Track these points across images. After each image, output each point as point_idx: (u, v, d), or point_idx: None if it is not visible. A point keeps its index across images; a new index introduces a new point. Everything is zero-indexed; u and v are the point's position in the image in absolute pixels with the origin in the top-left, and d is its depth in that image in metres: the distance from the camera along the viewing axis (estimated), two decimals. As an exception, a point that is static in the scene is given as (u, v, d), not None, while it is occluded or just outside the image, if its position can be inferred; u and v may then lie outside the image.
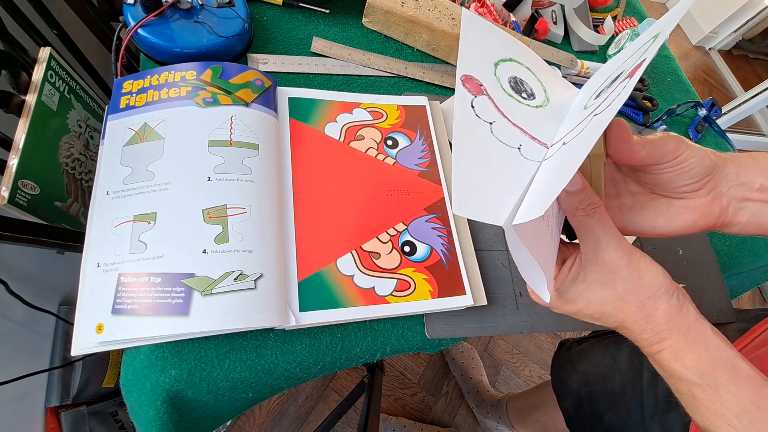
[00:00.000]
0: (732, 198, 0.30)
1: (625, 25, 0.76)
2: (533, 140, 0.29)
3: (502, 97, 0.31)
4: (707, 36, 2.46)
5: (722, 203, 0.30)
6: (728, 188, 0.30)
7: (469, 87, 0.31)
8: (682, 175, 0.29)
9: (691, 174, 0.29)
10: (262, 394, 0.38)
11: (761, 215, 0.30)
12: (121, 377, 0.35)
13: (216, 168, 0.36)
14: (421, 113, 0.49)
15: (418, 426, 1.03)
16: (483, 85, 0.31)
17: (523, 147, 0.29)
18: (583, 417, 0.58)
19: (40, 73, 0.42)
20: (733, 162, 0.30)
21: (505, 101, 0.31)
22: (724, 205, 0.30)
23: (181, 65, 0.40)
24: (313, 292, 0.37)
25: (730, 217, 0.30)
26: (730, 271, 0.58)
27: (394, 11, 0.53)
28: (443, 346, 0.43)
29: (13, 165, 0.39)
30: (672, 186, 0.30)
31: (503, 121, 0.30)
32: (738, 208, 0.30)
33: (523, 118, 0.30)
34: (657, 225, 0.31)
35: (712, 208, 0.30)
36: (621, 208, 0.32)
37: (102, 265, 0.33)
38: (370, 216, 0.42)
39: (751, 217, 0.30)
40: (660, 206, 0.31)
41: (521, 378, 1.23)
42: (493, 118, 0.30)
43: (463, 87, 0.31)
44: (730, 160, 0.30)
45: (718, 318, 0.51)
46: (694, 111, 0.72)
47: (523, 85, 0.32)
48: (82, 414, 0.74)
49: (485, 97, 0.31)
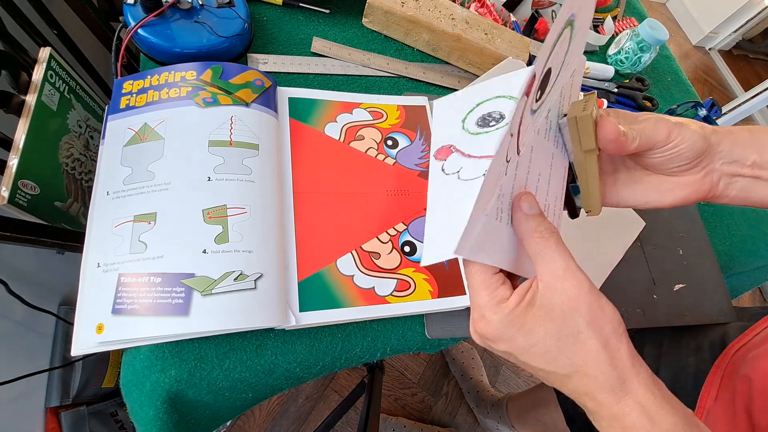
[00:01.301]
0: (723, 173, 0.31)
1: (625, 25, 0.76)
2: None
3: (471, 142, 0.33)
4: (707, 36, 2.46)
5: (713, 179, 0.31)
6: (720, 164, 0.31)
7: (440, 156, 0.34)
8: (673, 159, 0.30)
9: (682, 157, 0.30)
10: (262, 394, 0.38)
11: (750, 190, 0.31)
12: (121, 377, 0.35)
13: (216, 168, 0.36)
14: (421, 113, 0.49)
15: (418, 426, 1.03)
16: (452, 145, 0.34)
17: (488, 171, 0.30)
18: (583, 416, 0.58)
19: (40, 73, 0.42)
20: (728, 138, 0.30)
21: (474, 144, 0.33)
22: (715, 180, 0.31)
23: (181, 65, 0.40)
24: (313, 292, 0.37)
25: (720, 190, 0.31)
26: (730, 271, 0.58)
27: (394, 11, 0.53)
28: (443, 346, 0.43)
29: (13, 165, 0.39)
30: (664, 167, 0.31)
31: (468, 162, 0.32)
32: (728, 182, 0.31)
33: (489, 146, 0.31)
34: (650, 199, 0.32)
35: (703, 183, 0.31)
36: (616, 183, 0.33)
37: (102, 265, 0.33)
38: (370, 216, 0.42)
39: (740, 192, 0.31)
40: (653, 182, 0.32)
41: (521, 378, 1.23)
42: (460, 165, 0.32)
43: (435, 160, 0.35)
44: (726, 136, 0.30)
45: (718, 318, 0.51)
46: (694, 111, 0.72)
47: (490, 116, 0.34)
48: (82, 414, 0.74)
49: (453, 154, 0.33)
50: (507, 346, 0.26)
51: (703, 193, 0.31)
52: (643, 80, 0.69)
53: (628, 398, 0.23)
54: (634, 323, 0.47)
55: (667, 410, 0.23)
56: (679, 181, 0.31)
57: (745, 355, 0.43)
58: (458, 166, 0.32)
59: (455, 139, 0.35)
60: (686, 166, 0.30)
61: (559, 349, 0.24)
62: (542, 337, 0.24)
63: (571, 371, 0.24)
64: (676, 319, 0.50)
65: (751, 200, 0.31)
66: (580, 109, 0.29)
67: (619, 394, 0.23)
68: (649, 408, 0.23)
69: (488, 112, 0.35)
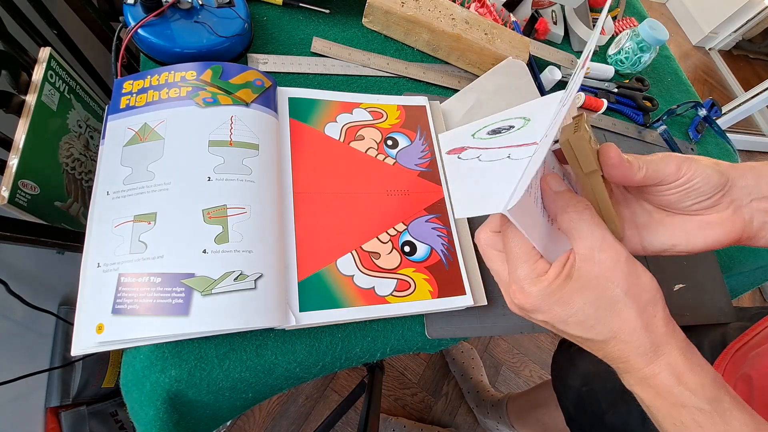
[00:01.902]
0: (755, 211, 0.28)
1: (625, 25, 0.76)
2: (521, 146, 0.30)
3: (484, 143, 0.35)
4: (707, 36, 2.46)
5: (744, 217, 0.29)
6: (749, 201, 0.28)
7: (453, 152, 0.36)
8: (688, 194, 0.28)
9: (698, 193, 0.28)
10: (262, 394, 0.38)
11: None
12: (121, 377, 0.35)
13: (216, 168, 0.36)
14: (421, 113, 0.49)
15: (418, 426, 1.03)
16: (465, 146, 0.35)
17: (512, 154, 0.30)
18: (583, 416, 0.58)
19: (40, 73, 0.42)
20: (752, 173, 0.28)
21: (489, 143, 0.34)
22: (747, 219, 0.29)
23: (181, 65, 0.40)
24: (313, 292, 0.37)
25: (755, 230, 0.29)
26: (730, 271, 0.58)
27: (394, 11, 0.53)
28: (443, 346, 0.43)
29: (13, 165, 0.39)
30: (680, 206, 0.29)
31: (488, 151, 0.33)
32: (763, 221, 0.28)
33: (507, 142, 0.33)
34: (677, 242, 0.30)
35: (734, 222, 0.28)
36: (637, 227, 0.31)
37: (102, 265, 0.33)
38: (370, 216, 0.42)
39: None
40: (676, 223, 0.30)
41: (521, 378, 1.23)
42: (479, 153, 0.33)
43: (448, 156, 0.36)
44: (749, 170, 0.29)
45: (718, 318, 0.51)
46: (694, 111, 0.72)
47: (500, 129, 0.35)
48: (82, 414, 0.74)
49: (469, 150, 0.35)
50: (546, 317, 0.27)
51: (736, 233, 0.28)
52: (643, 80, 0.69)
53: (661, 360, 0.24)
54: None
55: (696, 371, 0.24)
56: (705, 220, 0.29)
57: (745, 354, 0.43)
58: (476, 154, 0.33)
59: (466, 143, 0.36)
60: (707, 202, 0.28)
61: (597, 318, 0.25)
62: (581, 307, 0.25)
63: (609, 337, 0.25)
64: (676, 319, 0.49)
65: None
66: (571, 132, 0.28)
67: (651, 357, 0.24)
68: (679, 369, 0.24)
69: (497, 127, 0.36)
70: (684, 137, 0.70)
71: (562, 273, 0.26)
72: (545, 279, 0.26)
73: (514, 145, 0.31)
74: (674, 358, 0.24)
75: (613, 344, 0.25)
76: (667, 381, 0.24)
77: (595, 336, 0.26)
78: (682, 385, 0.24)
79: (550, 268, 0.27)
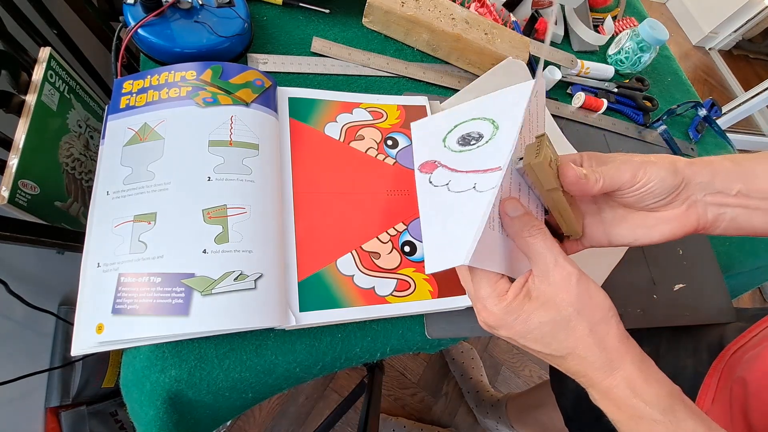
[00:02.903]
0: (709, 204, 0.31)
1: (625, 25, 0.76)
2: (486, 172, 0.34)
3: (454, 159, 0.37)
4: (707, 36, 2.46)
5: (698, 210, 0.31)
6: (703, 195, 0.31)
7: (425, 170, 0.39)
8: (645, 197, 0.31)
9: (654, 195, 0.31)
10: (262, 394, 0.38)
11: (740, 220, 0.31)
12: (121, 377, 0.35)
13: (216, 168, 0.36)
14: (421, 113, 0.49)
15: (418, 426, 1.04)
16: (436, 161, 0.39)
17: (477, 184, 0.34)
18: (581, 416, 0.58)
19: (40, 73, 0.42)
20: (708, 170, 0.31)
21: (456, 160, 0.37)
22: (701, 212, 0.31)
23: (181, 65, 0.40)
24: (313, 292, 0.37)
25: (710, 221, 0.31)
26: (730, 271, 0.58)
27: (394, 11, 0.53)
28: (443, 346, 0.43)
29: (13, 165, 0.39)
30: (642, 204, 0.32)
31: (456, 176, 0.36)
32: (717, 213, 0.31)
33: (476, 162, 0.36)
34: (638, 236, 0.33)
35: (688, 216, 0.31)
36: (602, 222, 0.34)
37: (102, 265, 0.33)
38: (370, 216, 0.42)
39: (730, 222, 0.31)
40: (637, 219, 0.33)
41: (521, 378, 1.23)
42: (448, 179, 0.36)
43: (420, 173, 0.40)
44: (705, 166, 0.31)
45: (718, 318, 0.51)
46: (694, 111, 0.72)
47: (469, 136, 0.38)
48: (82, 414, 0.74)
49: (439, 168, 0.38)
50: (508, 333, 0.29)
51: (690, 226, 0.31)
52: (643, 80, 0.69)
53: (617, 374, 0.26)
54: (634, 323, 0.47)
55: (651, 383, 0.25)
56: (662, 216, 0.32)
57: (741, 357, 0.43)
58: (446, 179, 0.37)
59: (437, 155, 0.39)
60: (662, 201, 0.31)
61: (553, 335, 0.27)
62: (537, 326, 0.27)
63: (566, 353, 0.27)
64: (676, 319, 0.50)
65: (744, 230, 0.32)
66: (532, 156, 0.30)
67: (608, 371, 0.26)
68: (634, 382, 0.25)
69: (467, 132, 0.39)
70: (684, 137, 0.70)
71: (521, 293, 0.28)
72: (505, 299, 0.28)
73: (480, 170, 0.34)
74: (629, 371, 0.26)
75: (570, 359, 0.27)
76: (624, 394, 0.26)
77: (553, 352, 0.28)
78: (638, 397, 0.25)
79: (510, 288, 0.29)
